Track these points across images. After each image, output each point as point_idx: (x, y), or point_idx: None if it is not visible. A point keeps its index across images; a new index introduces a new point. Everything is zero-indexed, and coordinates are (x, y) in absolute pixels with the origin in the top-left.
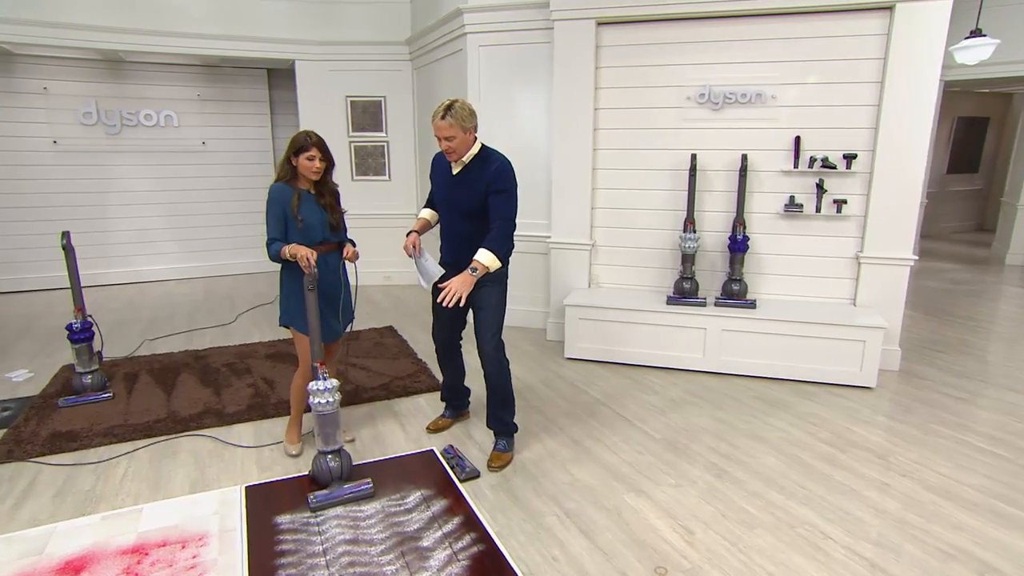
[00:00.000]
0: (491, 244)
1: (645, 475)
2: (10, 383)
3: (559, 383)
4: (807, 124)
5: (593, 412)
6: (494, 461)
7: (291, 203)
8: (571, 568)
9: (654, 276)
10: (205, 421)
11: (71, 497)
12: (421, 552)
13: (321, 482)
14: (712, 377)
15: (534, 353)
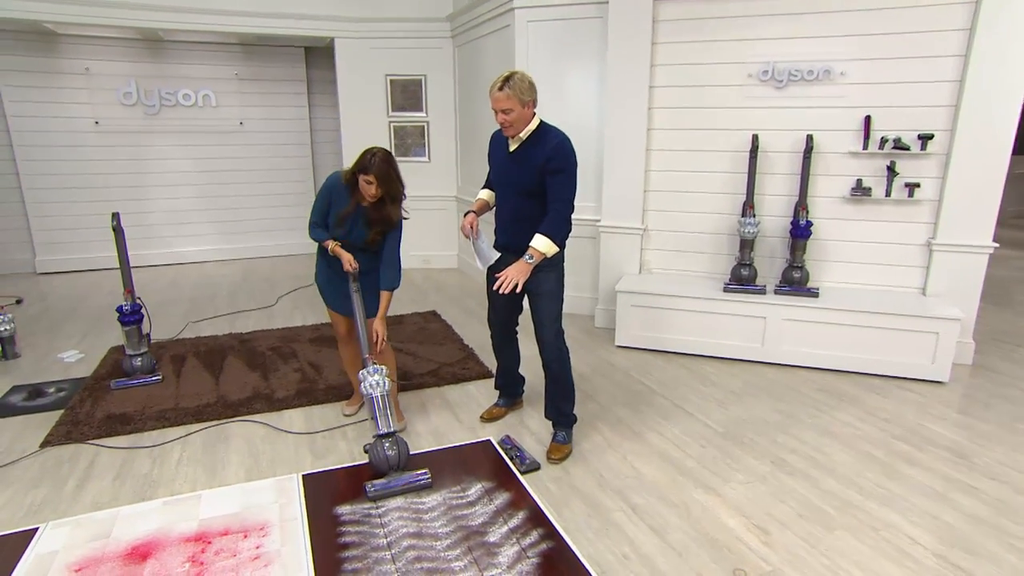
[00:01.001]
0: (547, 229)
1: (712, 470)
2: (62, 364)
3: (612, 372)
4: (878, 102)
5: (650, 402)
6: (554, 453)
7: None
8: (644, 567)
9: (709, 262)
10: (255, 406)
11: (130, 481)
12: (488, 548)
13: (378, 470)
14: (772, 368)
15: (583, 340)
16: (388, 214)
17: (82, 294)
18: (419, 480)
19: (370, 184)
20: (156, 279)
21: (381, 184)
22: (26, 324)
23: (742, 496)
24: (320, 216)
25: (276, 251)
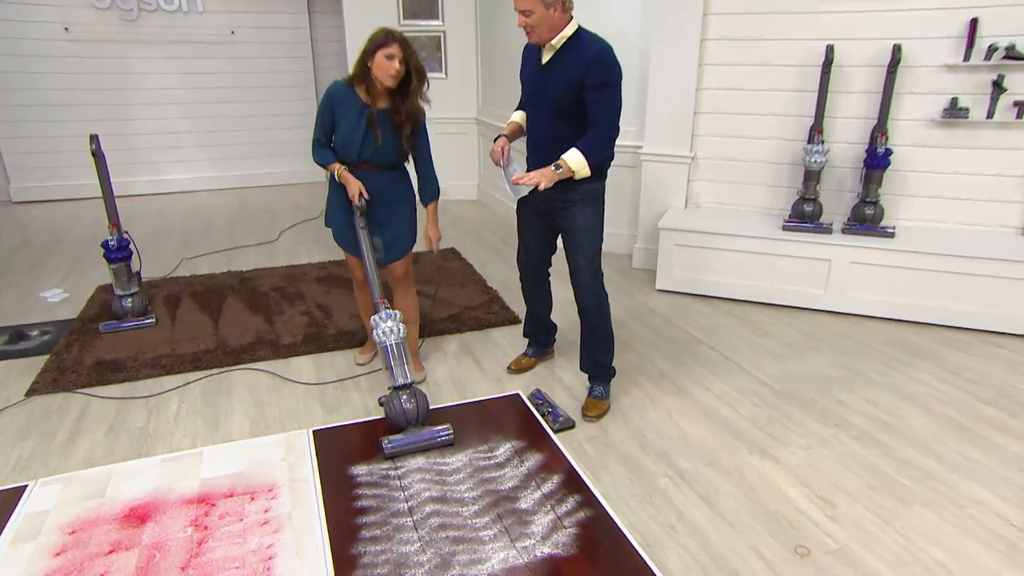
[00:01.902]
0: (584, 145)
1: (768, 433)
2: (45, 304)
3: (652, 318)
4: (988, 1)
5: (696, 354)
6: (590, 409)
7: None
8: (693, 540)
9: (767, 196)
10: (259, 353)
11: (124, 434)
12: (520, 516)
13: (395, 425)
14: (835, 318)
15: (620, 283)
16: (415, 106)
17: (64, 226)
18: (440, 436)
19: (392, 59)
20: (144, 210)
21: (407, 55)
22: (3, 259)
23: (803, 463)
24: (323, 132)
25: (275, 179)
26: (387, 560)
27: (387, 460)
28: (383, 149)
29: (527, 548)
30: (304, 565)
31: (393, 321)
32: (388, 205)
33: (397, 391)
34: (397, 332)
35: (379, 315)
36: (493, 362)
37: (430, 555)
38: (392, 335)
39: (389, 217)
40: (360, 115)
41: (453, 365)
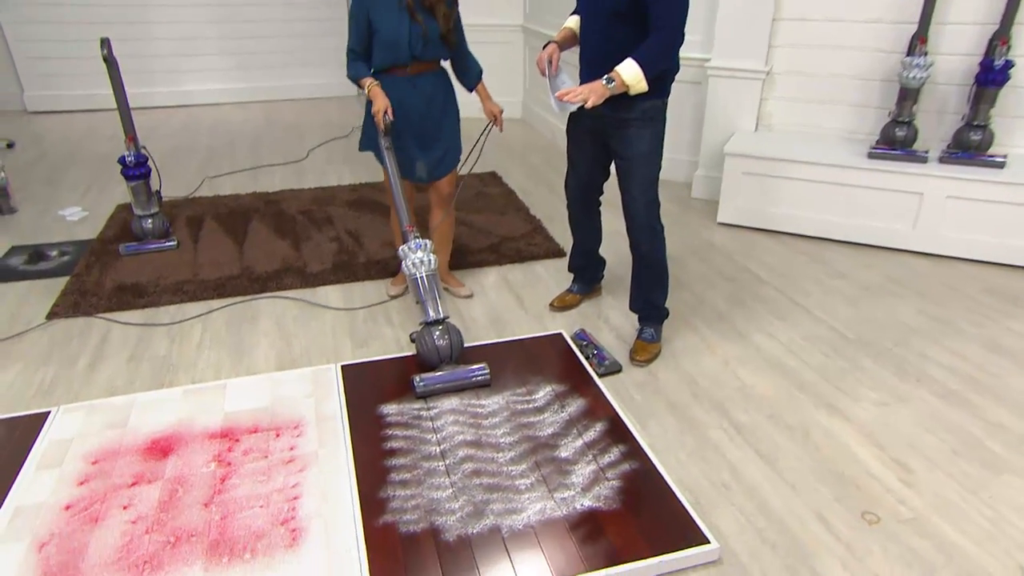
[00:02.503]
0: (641, 55)
1: (838, 386)
2: (64, 222)
3: (712, 255)
4: None
5: (759, 295)
6: (640, 353)
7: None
8: (748, 500)
9: (852, 117)
10: (285, 281)
11: (147, 363)
12: (559, 465)
13: (427, 363)
14: (923, 259)
15: (677, 214)
16: None
17: (82, 138)
18: (476, 375)
19: None
20: (163, 123)
21: None
22: (20, 173)
23: (877, 421)
24: (360, 40)
25: (304, 92)
26: (417, 506)
27: (419, 399)
28: (431, 41)
29: (566, 500)
30: (330, 507)
31: (424, 252)
32: (441, 114)
33: (429, 327)
34: (428, 263)
35: (408, 245)
36: (534, 298)
37: (462, 502)
38: (423, 266)
39: (439, 129)
40: (399, 7)
41: (491, 300)
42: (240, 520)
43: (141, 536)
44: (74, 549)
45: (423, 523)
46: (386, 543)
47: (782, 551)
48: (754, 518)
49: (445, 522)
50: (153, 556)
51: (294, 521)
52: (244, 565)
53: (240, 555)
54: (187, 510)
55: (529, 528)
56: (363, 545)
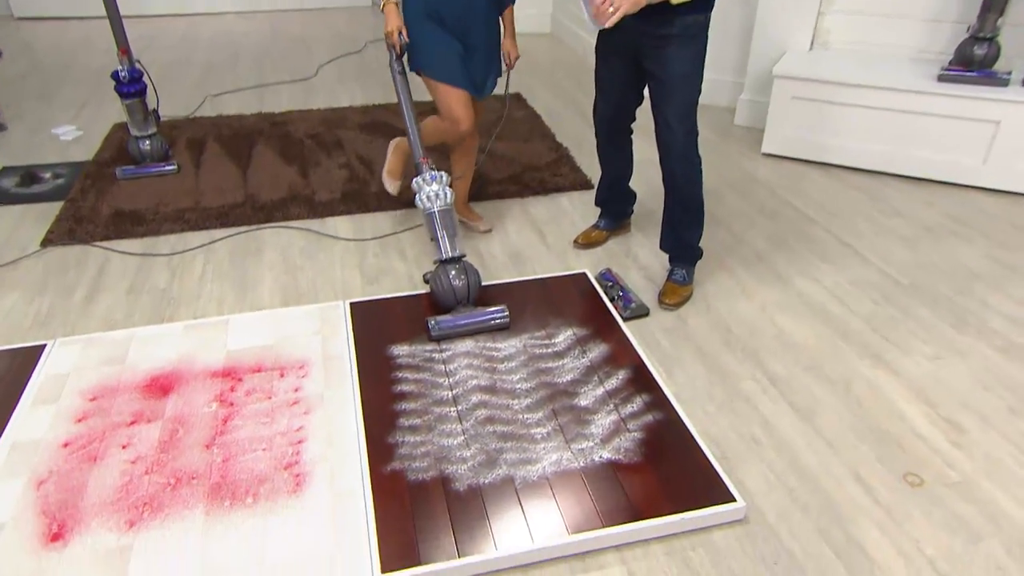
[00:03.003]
0: None
1: (886, 336)
2: (58, 142)
3: (754, 189)
4: None
5: (804, 235)
6: (669, 296)
7: None
8: (779, 456)
9: (923, 34)
10: (292, 211)
11: (147, 295)
12: (578, 414)
13: (443, 303)
14: (993, 197)
15: (717, 143)
16: None
17: (75, 49)
18: (494, 318)
19: None
20: (161, 34)
21: None
22: (9, 86)
23: (927, 376)
24: None
25: (313, 1)
26: (427, 453)
27: (432, 341)
28: None
29: (583, 451)
30: (336, 452)
31: (439, 184)
32: (486, 23)
33: (444, 265)
34: (444, 198)
35: (423, 177)
36: (558, 234)
37: (474, 450)
38: (438, 200)
39: (488, 39)
40: None
41: (511, 235)
42: (242, 463)
43: (140, 477)
44: (73, 488)
45: (432, 471)
46: (393, 491)
47: (814, 512)
48: (785, 476)
49: (456, 471)
50: (153, 498)
51: (298, 466)
52: (246, 510)
53: (242, 499)
54: (188, 451)
55: (544, 480)
56: (369, 492)
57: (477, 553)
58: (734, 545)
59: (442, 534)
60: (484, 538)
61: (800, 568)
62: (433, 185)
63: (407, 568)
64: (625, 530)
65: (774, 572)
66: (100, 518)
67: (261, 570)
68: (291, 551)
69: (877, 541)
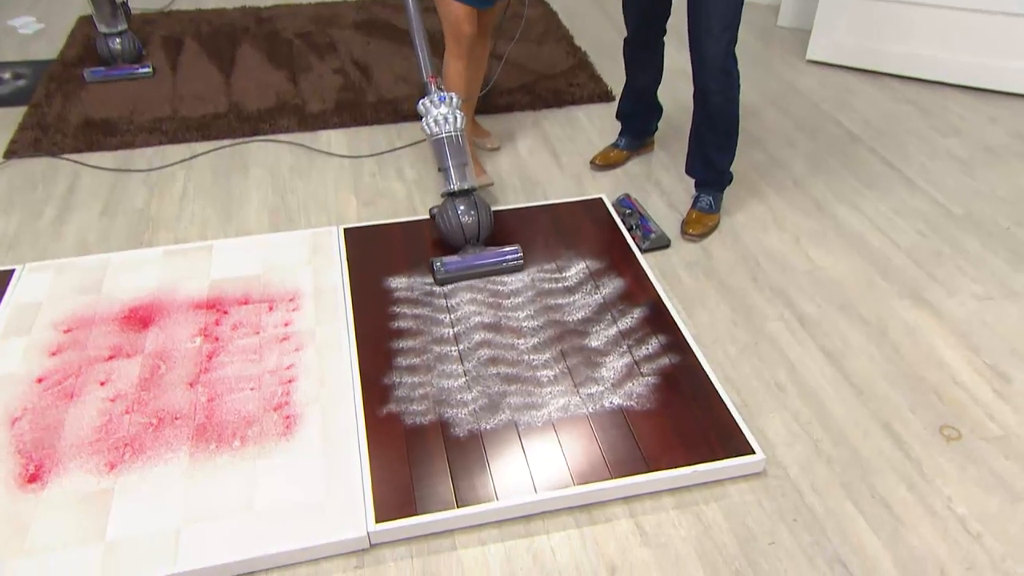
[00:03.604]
0: None
1: (932, 273)
2: (17, 36)
3: (796, 103)
4: None
5: (848, 157)
6: (694, 226)
7: None
8: (805, 405)
9: None
10: (280, 123)
11: (122, 216)
12: (588, 355)
13: (450, 242)
14: None
15: (756, 49)
16: None
17: None
18: (507, 260)
19: None
20: None
21: None
22: None
23: (975, 318)
24: None
25: None
26: (425, 395)
27: (437, 282)
28: None
29: (593, 396)
30: (328, 393)
31: (448, 107)
32: None
33: (453, 199)
34: (454, 121)
35: (430, 99)
36: (573, 152)
37: (476, 393)
38: (447, 125)
39: None
40: None
41: (520, 154)
42: (229, 403)
43: (120, 416)
44: (49, 426)
45: (431, 415)
46: (389, 435)
47: (838, 466)
48: (810, 427)
49: (456, 415)
50: (134, 438)
51: (288, 407)
52: (233, 453)
53: (228, 442)
54: (170, 389)
55: (549, 426)
56: (364, 437)
57: (477, 503)
58: (750, 500)
59: (440, 482)
60: (484, 487)
61: (820, 525)
62: (442, 108)
63: (403, 517)
64: (634, 482)
65: (792, 529)
66: (79, 459)
67: (249, 517)
68: (280, 498)
69: (904, 498)
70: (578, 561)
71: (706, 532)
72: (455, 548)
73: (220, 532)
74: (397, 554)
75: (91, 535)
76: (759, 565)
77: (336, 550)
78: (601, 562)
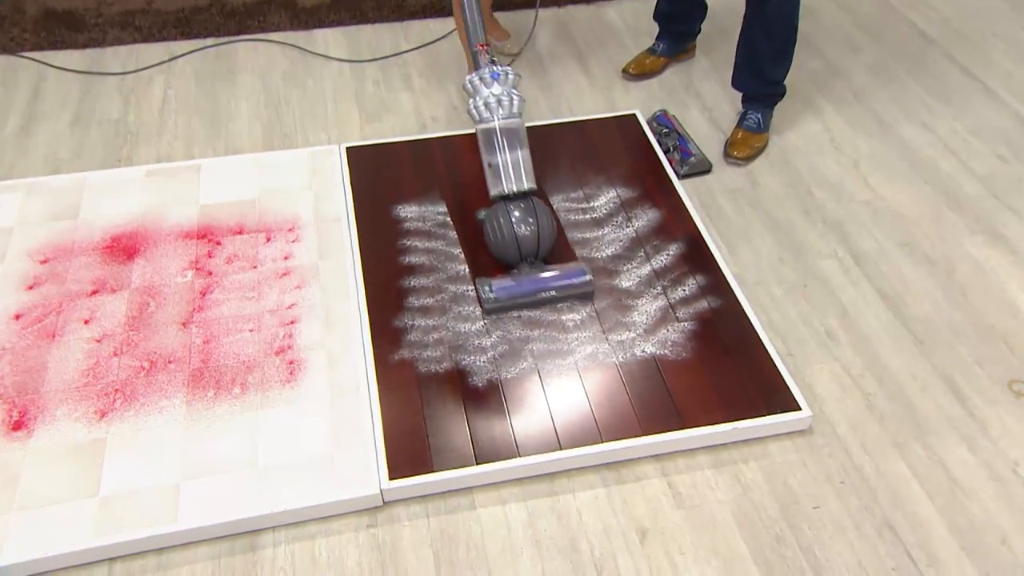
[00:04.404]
0: None
1: (1011, 206)
2: None
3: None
4: None
5: (919, 64)
6: (739, 147)
7: None
8: (858, 355)
9: None
10: (270, 19)
11: (96, 128)
12: (619, 297)
13: (501, 259)
14: None
15: None
16: None
17: None
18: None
19: None
20: None
21: None
22: None
23: None
24: None
25: None
26: (440, 340)
27: (439, 203)
28: None
29: (623, 344)
30: (334, 336)
31: (503, 85)
32: None
33: (506, 204)
34: (509, 105)
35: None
36: (602, 58)
37: (495, 339)
38: (500, 110)
39: None
40: None
41: (542, 59)
42: (226, 346)
43: (108, 359)
44: (31, 368)
45: (447, 362)
46: (402, 384)
47: (892, 424)
48: (862, 380)
49: (474, 362)
50: (125, 384)
51: (291, 351)
52: (233, 401)
53: (228, 389)
54: (161, 330)
55: (575, 376)
56: (375, 385)
57: (497, 459)
58: (794, 459)
59: (457, 435)
60: (505, 441)
61: (870, 488)
62: (494, 87)
63: (418, 475)
64: (668, 439)
65: (839, 492)
66: (66, 406)
67: (252, 473)
68: (285, 451)
69: (964, 460)
70: (606, 523)
71: (745, 494)
72: (474, 507)
73: (223, 488)
74: (412, 513)
75: (84, 489)
76: (801, 530)
77: (347, 508)
78: (631, 524)
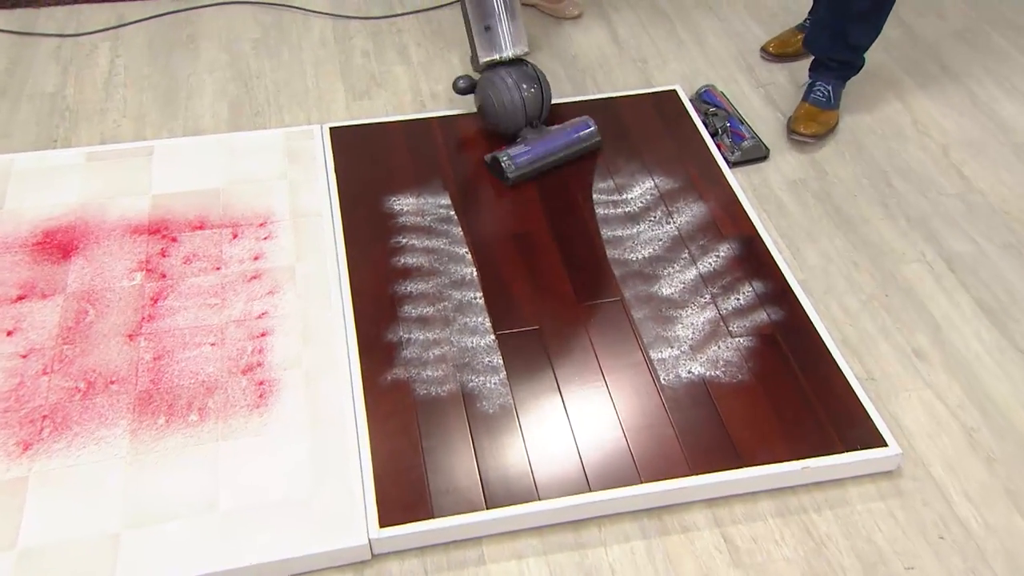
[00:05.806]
0: None
1: None
2: None
3: None
4: None
5: (1018, 27)
6: (806, 123)
7: None
8: (954, 380)
9: None
10: None
11: (27, 103)
12: (658, 307)
13: (502, 126)
14: None
15: None
16: None
17: None
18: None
19: None
20: None
21: None
22: None
23: None
24: None
25: None
26: (442, 357)
27: (439, 193)
28: None
29: (665, 362)
30: (314, 352)
31: None
32: None
33: (500, 70)
34: None
35: None
36: (633, 23)
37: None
38: None
39: None
40: None
41: (569, 33)
42: (182, 363)
43: (36, 378)
44: None
45: (450, 383)
46: (396, 410)
47: (1002, 466)
48: (962, 411)
49: (483, 384)
50: (55, 409)
51: (261, 369)
52: (189, 430)
53: (183, 416)
54: (102, 343)
55: (607, 401)
56: (363, 412)
57: (511, 503)
58: (878, 507)
59: (463, 474)
60: (522, 482)
61: (977, 546)
62: None
63: (414, 521)
64: (721, 479)
65: (938, 550)
66: None
67: (211, 519)
68: (253, 492)
69: None
70: None
71: (818, 550)
72: (483, 561)
73: (174, 538)
74: (407, 568)
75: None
76: None
77: (328, 562)
78: None
